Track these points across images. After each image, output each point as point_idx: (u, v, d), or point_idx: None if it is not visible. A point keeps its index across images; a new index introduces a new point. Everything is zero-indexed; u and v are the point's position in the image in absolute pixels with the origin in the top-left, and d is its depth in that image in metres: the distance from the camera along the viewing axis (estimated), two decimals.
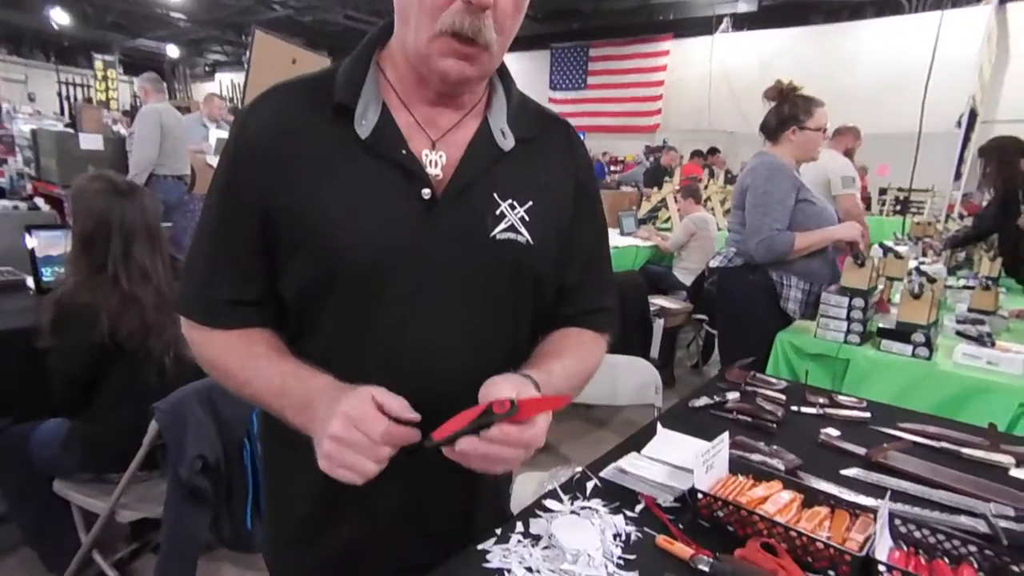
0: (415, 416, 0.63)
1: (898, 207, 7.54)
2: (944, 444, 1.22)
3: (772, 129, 2.32)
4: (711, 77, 11.39)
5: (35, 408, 1.67)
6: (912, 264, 2.65)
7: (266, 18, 12.09)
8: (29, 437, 1.62)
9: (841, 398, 1.44)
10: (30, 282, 2.11)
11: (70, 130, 5.08)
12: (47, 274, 2.02)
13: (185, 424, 1.31)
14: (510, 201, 0.73)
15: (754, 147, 2.43)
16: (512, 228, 0.73)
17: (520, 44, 13.48)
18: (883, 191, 8.14)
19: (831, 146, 3.66)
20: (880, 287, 2.29)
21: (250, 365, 0.72)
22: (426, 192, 0.69)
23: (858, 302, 1.97)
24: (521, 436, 0.62)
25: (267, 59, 2.39)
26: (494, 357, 0.75)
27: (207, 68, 18.59)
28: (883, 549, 0.83)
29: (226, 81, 16.11)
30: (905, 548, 0.86)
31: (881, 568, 0.77)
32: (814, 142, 2.26)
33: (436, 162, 0.71)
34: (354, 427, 0.60)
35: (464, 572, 0.78)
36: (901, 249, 3.45)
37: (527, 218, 0.74)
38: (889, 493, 0.90)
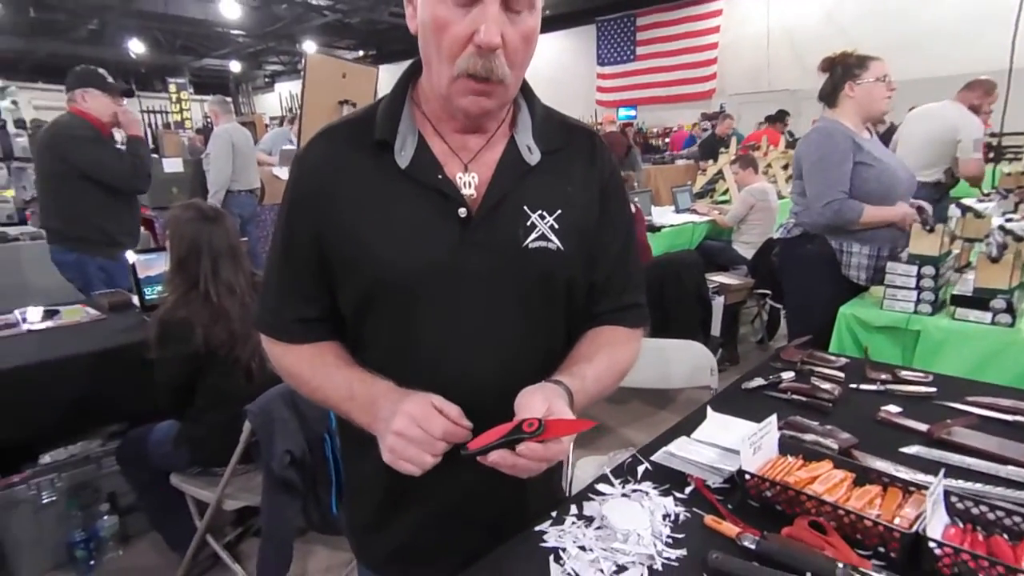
0: (468, 424, 0.72)
1: (990, 155, 6.91)
2: (1018, 418, 1.17)
3: (828, 93, 2.24)
4: (769, 34, 10.79)
5: (148, 412, 1.88)
6: (997, 222, 2.48)
7: (317, 24, 12.51)
8: (147, 438, 1.85)
9: (905, 373, 1.40)
10: (135, 300, 2.36)
11: (154, 155, 5.52)
12: (149, 293, 2.26)
13: (273, 423, 1.47)
14: (540, 212, 0.79)
15: (819, 105, 2.33)
16: (543, 237, 0.79)
17: (564, 21, 13.29)
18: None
19: (958, 99, 3.44)
20: (956, 251, 2.17)
21: (320, 373, 0.81)
22: (462, 211, 0.76)
23: (928, 270, 1.87)
24: (546, 453, 0.69)
25: (320, 77, 2.54)
26: (531, 361, 0.82)
27: (266, 79, 19.45)
28: (937, 526, 0.82)
29: (285, 91, 16.80)
30: (961, 525, 0.85)
31: (931, 545, 0.78)
32: (877, 93, 2.14)
33: (469, 183, 0.78)
34: (416, 425, 0.69)
35: (522, 551, 0.84)
36: (986, 206, 3.22)
37: (556, 226, 0.80)
38: (943, 470, 0.89)
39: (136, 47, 13.71)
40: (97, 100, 2.68)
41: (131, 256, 2.31)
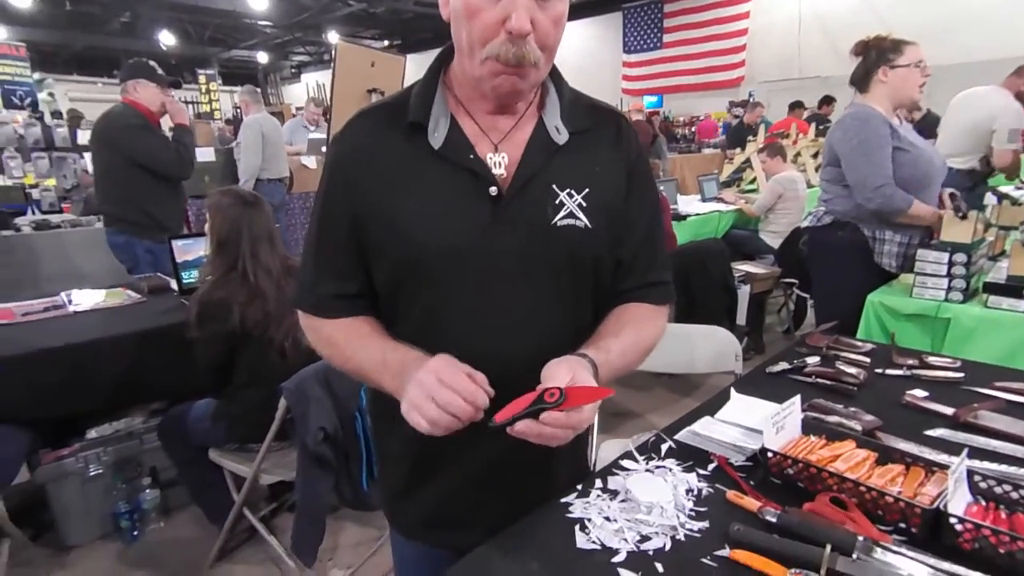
0: (491, 391, 0.73)
1: None
2: None
3: (860, 78, 2.20)
4: (800, 19, 10.52)
5: (187, 391, 1.98)
6: None
7: (342, 14, 12.60)
8: (186, 415, 1.93)
9: (932, 359, 1.40)
10: (173, 284, 2.46)
11: None
12: (187, 276, 2.35)
13: (308, 401, 1.52)
14: (568, 190, 0.82)
15: (851, 92, 2.29)
16: (571, 215, 0.82)
17: (590, 8, 13.12)
18: None
19: (1006, 85, 3.35)
20: (991, 238, 2.13)
21: (355, 343, 0.85)
22: (493, 190, 0.79)
23: (959, 257, 1.85)
24: (568, 421, 0.70)
25: (349, 66, 2.59)
26: (560, 336, 0.84)
27: (293, 70, 19.68)
28: (959, 504, 0.83)
29: (311, 81, 16.98)
30: (984, 503, 0.86)
31: (952, 520, 0.79)
32: (911, 79, 2.09)
33: (499, 163, 0.81)
34: (437, 378, 0.70)
35: (548, 521, 0.87)
36: (1023, 194, 3.13)
37: (584, 204, 0.82)
38: (967, 450, 0.90)
39: (167, 39, 13.99)
40: (147, 90, 2.83)
41: (173, 243, 2.40)
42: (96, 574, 1.98)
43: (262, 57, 16.96)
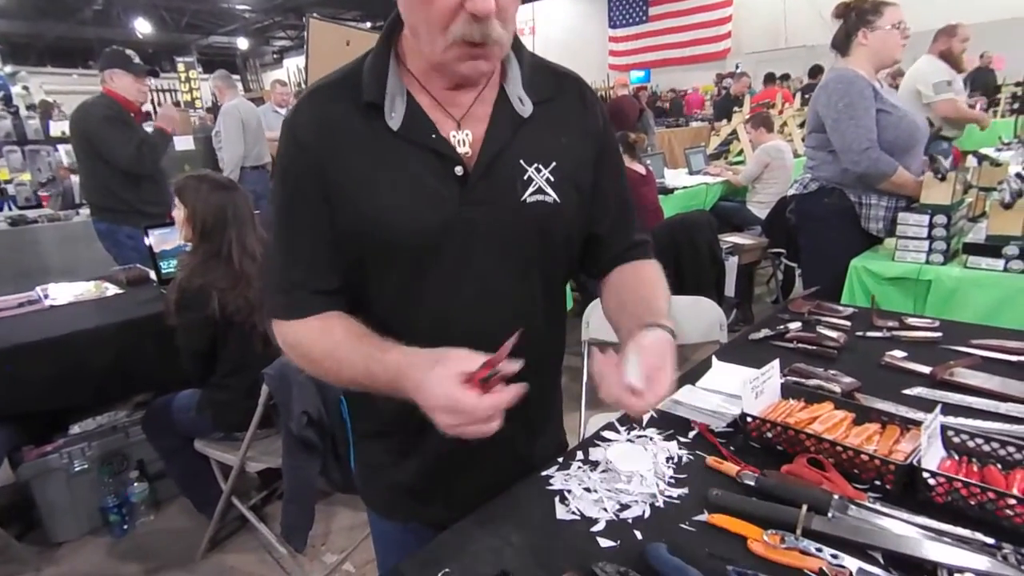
0: (513, 366, 0.67)
1: (1015, 105, 6.67)
2: (1022, 358, 1.17)
3: (841, 41, 2.18)
4: None
5: (171, 382, 1.96)
6: (1015, 169, 2.42)
7: None
8: (170, 406, 1.92)
9: (912, 320, 1.40)
10: (152, 275, 2.43)
11: None
12: (165, 267, 2.32)
13: (290, 386, 1.51)
14: (536, 165, 0.79)
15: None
16: (540, 191, 0.79)
17: None
18: (997, 88, 7.19)
19: (931, 52, 3.34)
20: (970, 200, 2.14)
21: (331, 356, 0.77)
22: (458, 169, 0.76)
23: (939, 219, 1.85)
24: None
25: (323, 45, 2.52)
26: (535, 314, 0.84)
27: (275, 55, 19.34)
28: (932, 459, 0.84)
29: (292, 67, 16.70)
30: (957, 458, 0.87)
31: (925, 475, 0.80)
32: (890, 41, 2.09)
33: (463, 140, 0.77)
34: (456, 414, 0.66)
35: (529, 494, 0.88)
36: (1005, 155, 3.13)
37: (552, 179, 0.80)
38: (940, 406, 0.90)
39: (142, 27, 13.70)
40: (122, 80, 2.81)
41: (147, 234, 2.36)
42: (86, 568, 1.98)
43: (242, 43, 16.66)
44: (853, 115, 2.04)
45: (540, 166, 0.80)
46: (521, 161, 0.79)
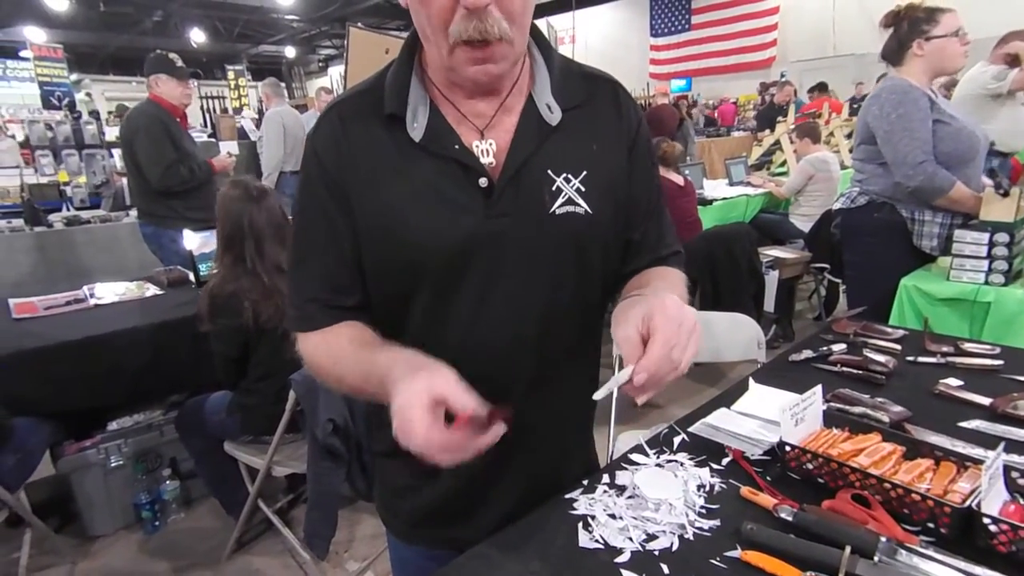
0: (480, 414, 0.63)
1: None
2: None
3: (894, 51, 2.08)
4: None
5: (205, 383, 2.00)
6: None
7: (367, 5, 12.66)
8: (203, 407, 1.95)
9: (968, 346, 1.31)
10: (191, 276, 2.49)
11: (213, 139, 5.77)
12: (204, 269, 2.38)
13: (317, 392, 1.51)
14: (565, 175, 0.76)
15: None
16: (570, 201, 0.76)
17: None
18: None
19: (990, 59, 3.16)
20: None
21: (336, 365, 0.76)
22: (483, 181, 0.73)
23: (1001, 237, 1.73)
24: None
25: (363, 53, 2.56)
26: (567, 327, 0.80)
27: (320, 64, 19.89)
28: (994, 502, 0.77)
29: (336, 75, 17.14)
30: (1022, 502, 0.79)
31: (986, 520, 0.73)
32: (948, 50, 1.96)
33: (487, 151, 0.75)
34: (404, 431, 0.62)
35: (552, 518, 0.84)
36: None
37: (583, 188, 0.77)
38: (1004, 443, 0.83)
39: (197, 36, 14.31)
40: (167, 85, 2.89)
41: (187, 234, 2.43)
42: (119, 563, 2.03)
43: (289, 52, 17.20)
44: (908, 126, 1.93)
45: (570, 175, 0.76)
46: (549, 171, 0.75)
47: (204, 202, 2.97)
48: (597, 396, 0.68)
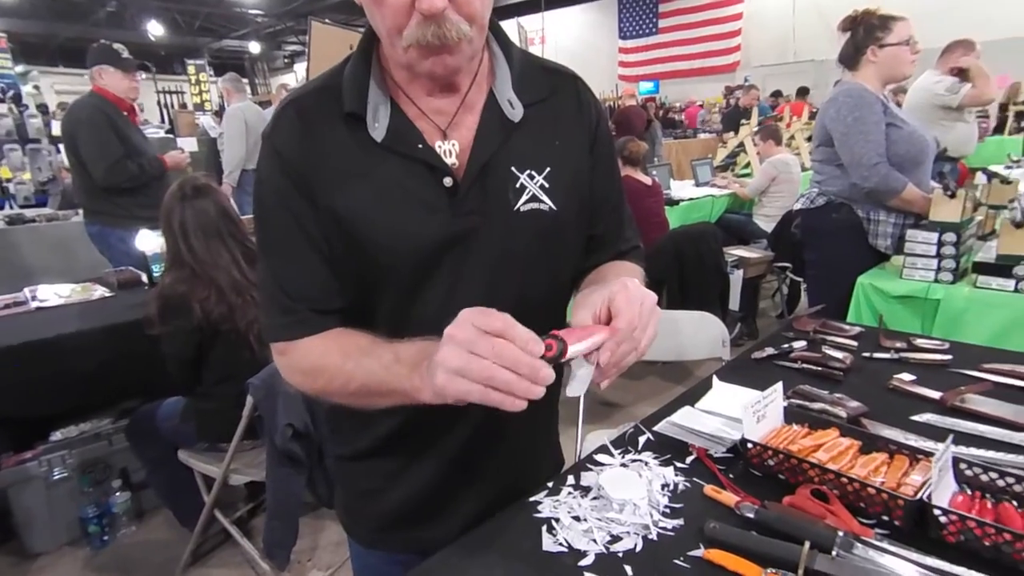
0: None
1: (1022, 123, 6.62)
2: None
3: (850, 56, 2.15)
4: (795, 1, 10.44)
5: (159, 388, 1.92)
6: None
7: (334, 2, 12.45)
8: (155, 414, 1.88)
9: (920, 341, 1.35)
10: (144, 278, 2.40)
11: (171, 136, 5.57)
12: (157, 269, 2.28)
13: (276, 396, 1.47)
14: (528, 172, 0.75)
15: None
16: (534, 198, 0.75)
17: None
18: (1003, 107, 7.13)
19: (937, 67, 3.29)
20: (980, 218, 2.08)
21: (353, 358, 0.70)
22: (447, 180, 0.71)
23: (949, 237, 1.80)
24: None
25: (326, 48, 2.49)
26: (537, 324, 0.79)
27: (286, 60, 19.47)
28: (944, 493, 0.79)
29: (302, 71, 16.80)
30: (970, 492, 0.81)
31: (936, 512, 0.75)
32: (900, 57, 2.05)
33: (450, 151, 0.73)
34: (475, 327, 0.56)
35: (517, 521, 0.83)
36: (1014, 172, 3.08)
37: (547, 185, 0.76)
38: (952, 436, 0.85)
39: (155, 29, 13.82)
40: (111, 77, 2.74)
41: (142, 234, 2.33)
42: None
43: (254, 47, 16.76)
44: (863, 129, 2.00)
45: (533, 172, 0.75)
46: (512, 168, 0.74)
47: (156, 200, 2.84)
48: (571, 393, 0.66)
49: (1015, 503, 0.77)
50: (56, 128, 4.38)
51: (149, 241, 2.28)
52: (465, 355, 0.56)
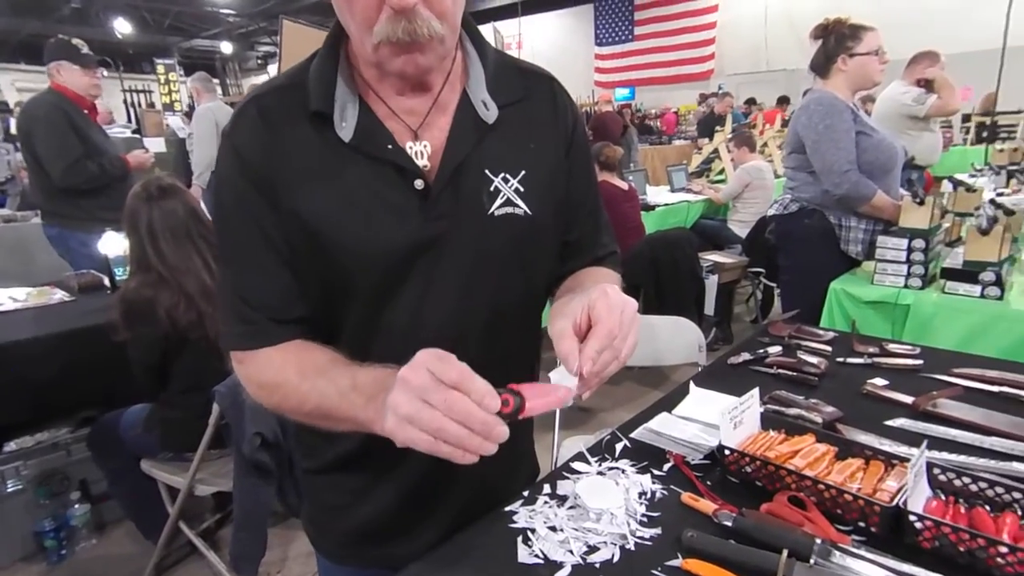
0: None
1: (984, 134, 6.85)
2: (1004, 389, 1.14)
3: (821, 65, 2.19)
4: (767, 12, 10.66)
5: (121, 396, 1.84)
6: (988, 196, 2.44)
7: (308, 3, 12.30)
8: (118, 422, 1.80)
9: (892, 346, 1.37)
10: (106, 281, 2.31)
11: (137, 136, 5.41)
12: (120, 273, 2.20)
13: (243, 404, 1.42)
14: (502, 175, 0.73)
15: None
16: (509, 202, 0.73)
17: (562, 0, 13.10)
18: (966, 118, 7.39)
19: (904, 77, 3.38)
20: (947, 225, 2.13)
21: (310, 379, 0.67)
22: (419, 183, 0.69)
23: (918, 243, 1.84)
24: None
25: (297, 48, 2.43)
26: (511, 331, 0.77)
27: (259, 61, 19.16)
28: (918, 499, 0.80)
29: (275, 73, 16.56)
30: (944, 497, 0.82)
31: (912, 518, 0.75)
32: (869, 66, 2.10)
33: (421, 152, 0.71)
34: (430, 374, 0.54)
35: (492, 532, 0.81)
36: (979, 181, 3.18)
37: (522, 189, 0.74)
38: (926, 441, 0.86)
39: (122, 27, 13.46)
40: (70, 73, 2.62)
41: (107, 236, 2.24)
42: None
43: (226, 47, 16.45)
44: (834, 137, 2.03)
45: (508, 175, 0.73)
46: (486, 171, 0.72)
47: (119, 201, 2.74)
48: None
49: (988, 507, 0.78)
50: (15, 126, 4.23)
51: (113, 244, 2.20)
52: (417, 403, 0.54)
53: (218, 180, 0.72)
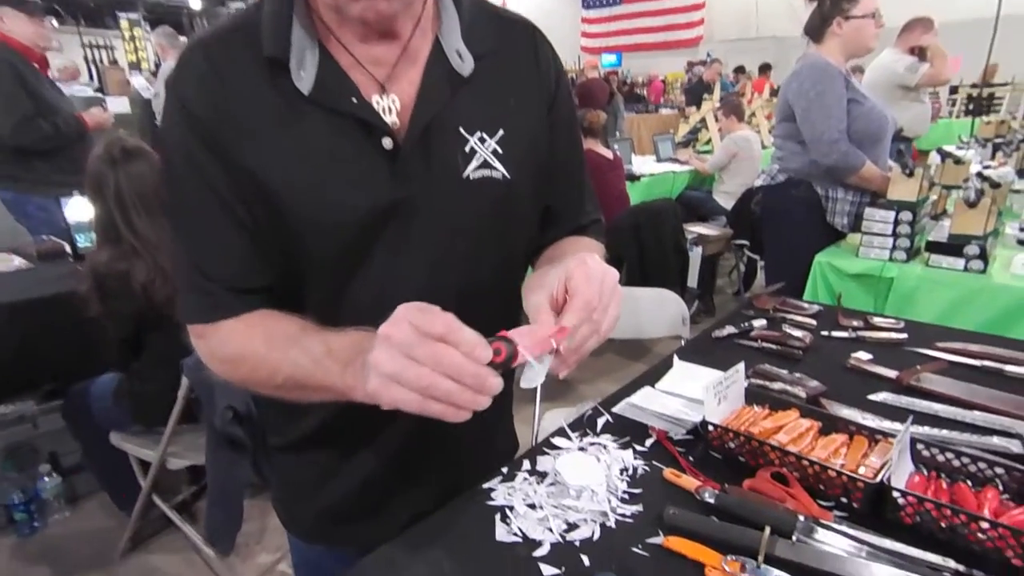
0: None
1: (970, 106, 6.84)
2: (986, 363, 1.14)
3: (816, 28, 2.14)
4: None
5: (85, 368, 1.78)
6: (975, 169, 2.43)
7: None
8: (88, 392, 1.74)
9: (877, 320, 1.36)
10: (68, 248, 2.21)
11: (99, 94, 5.13)
12: (82, 240, 2.11)
13: (212, 378, 1.36)
14: (479, 134, 0.67)
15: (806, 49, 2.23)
16: (486, 164, 0.67)
17: None
18: (954, 89, 7.35)
19: (896, 45, 3.33)
20: (934, 197, 2.12)
21: (280, 347, 0.62)
22: (387, 142, 0.62)
23: (905, 215, 1.82)
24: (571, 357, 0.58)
25: None
26: (488, 301, 0.72)
27: None
28: (901, 475, 0.79)
29: None
30: (926, 473, 0.81)
31: (895, 494, 0.74)
32: (865, 30, 2.05)
33: (390, 107, 0.64)
34: (414, 328, 0.50)
35: (468, 510, 0.78)
36: (966, 153, 3.17)
37: (500, 150, 0.68)
38: (912, 417, 0.85)
39: None
40: (15, 21, 2.42)
41: (72, 202, 2.14)
42: None
43: (194, 2, 15.70)
44: (825, 103, 1.99)
45: (485, 135, 0.67)
46: (461, 129, 0.66)
47: (78, 164, 2.59)
48: (526, 385, 0.59)
49: (969, 483, 0.77)
50: None
51: (79, 209, 2.09)
52: (401, 359, 0.50)
53: (165, 137, 0.65)
